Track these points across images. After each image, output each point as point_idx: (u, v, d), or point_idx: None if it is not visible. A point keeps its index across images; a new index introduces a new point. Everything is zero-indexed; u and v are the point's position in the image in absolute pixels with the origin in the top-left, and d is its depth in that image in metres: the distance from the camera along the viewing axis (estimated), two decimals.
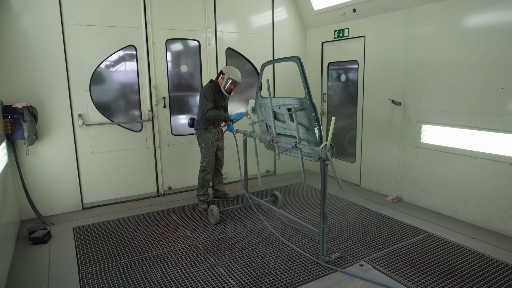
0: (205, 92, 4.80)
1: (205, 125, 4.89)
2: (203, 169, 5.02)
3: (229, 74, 4.79)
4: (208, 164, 4.99)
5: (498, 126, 4.03)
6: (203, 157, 5.00)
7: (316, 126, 3.57)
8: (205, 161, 4.98)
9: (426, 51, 4.71)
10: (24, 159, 4.70)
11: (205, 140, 4.92)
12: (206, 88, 4.83)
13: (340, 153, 6.36)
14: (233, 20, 6.06)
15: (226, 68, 4.86)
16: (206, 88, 4.85)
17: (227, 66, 4.90)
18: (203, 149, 4.97)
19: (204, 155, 4.98)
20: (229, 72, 4.80)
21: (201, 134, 4.94)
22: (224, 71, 4.86)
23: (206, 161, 4.97)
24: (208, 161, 4.98)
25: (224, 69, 4.88)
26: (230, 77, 4.79)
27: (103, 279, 3.34)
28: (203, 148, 4.97)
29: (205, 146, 4.94)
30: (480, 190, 4.28)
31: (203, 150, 4.97)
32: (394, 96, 5.20)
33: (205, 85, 4.94)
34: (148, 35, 5.32)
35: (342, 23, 5.97)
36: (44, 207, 4.89)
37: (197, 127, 4.97)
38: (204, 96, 4.78)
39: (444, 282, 3.18)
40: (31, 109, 4.45)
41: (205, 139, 4.92)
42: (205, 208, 5.02)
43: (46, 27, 4.67)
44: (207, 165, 4.99)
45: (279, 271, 3.42)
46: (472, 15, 4.19)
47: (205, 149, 4.95)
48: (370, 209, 4.97)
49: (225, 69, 4.87)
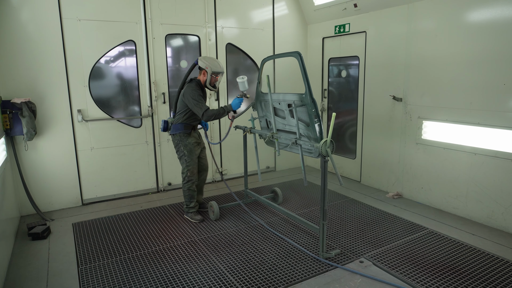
0: (192, 94, 4.17)
1: (186, 129, 4.34)
2: (187, 180, 4.43)
3: (211, 68, 4.24)
4: (193, 174, 4.43)
5: (499, 122, 4.01)
6: (186, 166, 4.40)
7: (317, 122, 3.55)
8: (189, 171, 4.40)
9: (427, 46, 4.67)
10: (23, 155, 4.68)
11: (188, 145, 4.36)
12: (192, 89, 4.20)
13: (340, 149, 6.34)
14: (233, 15, 6.02)
15: (203, 62, 4.26)
16: (191, 89, 4.21)
17: (203, 58, 4.31)
18: (185, 157, 4.37)
19: (188, 163, 4.38)
20: (209, 66, 4.24)
21: (182, 140, 4.35)
22: (203, 66, 4.25)
23: (190, 170, 4.40)
24: (192, 169, 4.41)
25: (201, 63, 4.26)
26: (213, 70, 4.25)
27: (102, 275, 3.33)
28: (185, 156, 4.37)
29: (189, 153, 4.37)
30: (481, 187, 4.26)
31: (186, 158, 4.37)
32: (395, 92, 5.17)
33: (187, 87, 4.26)
34: (147, 30, 5.29)
35: (343, 18, 5.92)
36: (43, 203, 4.88)
37: (175, 132, 4.36)
38: (193, 98, 4.15)
39: (445, 279, 3.17)
40: (30, 104, 4.42)
41: (188, 145, 4.36)
42: (200, 218, 4.52)
43: (45, 22, 4.63)
44: (192, 174, 4.43)
45: (279, 268, 3.41)
46: (474, 10, 4.15)
47: (188, 156, 4.37)
48: (370, 205, 4.96)
49: (202, 63, 4.26)
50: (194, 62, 4.38)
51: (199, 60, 4.31)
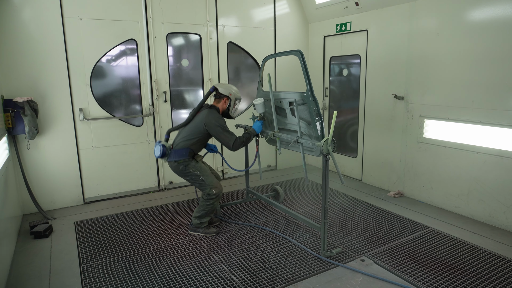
0: (218, 122, 3.92)
1: (190, 155, 3.97)
2: (213, 196, 3.99)
3: (234, 95, 4.11)
4: (217, 188, 4.01)
5: (501, 121, 4.00)
6: (207, 185, 3.98)
7: (318, 121, 3.55)
8: (213, 188, 3.97)
9: (429, 45, 4.65)
10: (25, 154, 4.69)
11: (196, 166, 3.99)
12: (217, 117, 3.95)
13: (341, 148, 6.34)
14: (235, 14, 6.01)
15: (225, 88, 4.10)
16: (216, 117, 3.95)
17: (222, 85, 4.14)
18: (201, 177, 3.97)
19: (208, 181, 3.98)
20: (233, 93, 4.10)
21: (189, 165, 3.96)
22: (225, 93, 4.07)
23: (213, 186, 3.98)
24: (215, 184, 4.01)
25: (223, 90, 4.08)
26: (237, 97, 4.14)
27: (104, 273, 3.35)
28: (200, 176, 3.98)
29: (201, 172, 3.99)
30: (483, 186, 4.25)
31: (203, 178, 3.98)
32: (396, 90, 5.16)
33: (209, 113, 3.97)
34: (149, 29, 5.29)
35: (344, 16, 5.91)
36: (45, 202, 4.90)
37: (179, 159, 3.94)
38: (221, 127, 3.90)
39: (446, 278, 3.17)
40: (31, 103, 4.44)
41: (196, 165, 3.99)
42: (216, 231, 4.14)
43: (47, 21, 4.64)
44: (218, 190, 4.01)
45: (280, 266, 3.41)
46: (476, 8, 4.13)
47: (204, 175, 3.99)
48: (371, 204, 4.96)
49: (224, 89, 4.08)
50: (210, 89, 4.12)
51: (219, 87, 4.10)
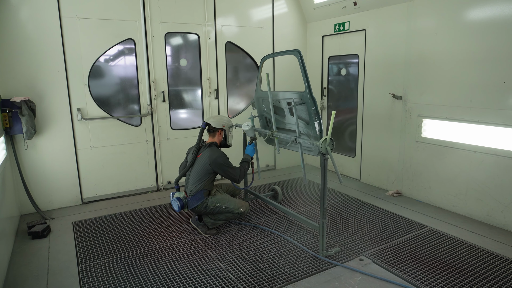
0: (223, 160, 4.01)
1: (206, 194, 4.03)
2: (243, 214, 4.16)
3: (228, 124, 4.22)
4: (244, 206, 4.14)
5: (499, 120, 4.01)
6: (233, 208, 4.07)
7: (316, 120, 3.56)
8: (240, 208, 4.10)
9: (427, 44, 4.66)
10: (23, 154, 4.68)
11: (217, 200, 4.03)
12: (220, 155, 4.03)
13: (340, 147, 6.34)
14: (233, 14, 6.01)
15: (216, 121, 4.16)
16: (219, 154, 4.03)
17: (211, 118, 4.21)
18: (224, 205, 4.03)
19: (233, 206, 4.07)
20: (225, 123, 4.19)
21: (209, 204, 4.00)
22: (218, 126, 4.14)
23: (240, 207, 4.10)
24: (239, 205, 4.10)
25: (215, 123, 4.14)
26: (229, 125, 4.25)
27: (102, 274, 3.34)
28: (223, 206, 4.03)
29: (222, 202, 4.04)
30: (481, 185, 4.26)
31: (226, 206, 4.04)
32: (394, 90, 5.17)
33: (211, 153, 4.02)
34: (147, 28, 5.28)
35: (342, 16, 5.92)
36: (43, 202, 4.88)
37: (199, 202, 3.96)
38: (226, 165, 4.01)
39: (444, 277, 3.18)
40: (29, 103, 4.42)
41: (216, 200, 4.03)
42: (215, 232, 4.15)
43: (44, 21, 4.62)
44: (245, 208, 4.14)
45: (279, 266, 3.41)
46: (473, 8, 4.14)
47: (227, 203, 4.05)
48: (370, 203, 4.96)
49: (216, 122, 4.15)
50: (202, 126, 4.20)
51: (210, 122, 4.16)
